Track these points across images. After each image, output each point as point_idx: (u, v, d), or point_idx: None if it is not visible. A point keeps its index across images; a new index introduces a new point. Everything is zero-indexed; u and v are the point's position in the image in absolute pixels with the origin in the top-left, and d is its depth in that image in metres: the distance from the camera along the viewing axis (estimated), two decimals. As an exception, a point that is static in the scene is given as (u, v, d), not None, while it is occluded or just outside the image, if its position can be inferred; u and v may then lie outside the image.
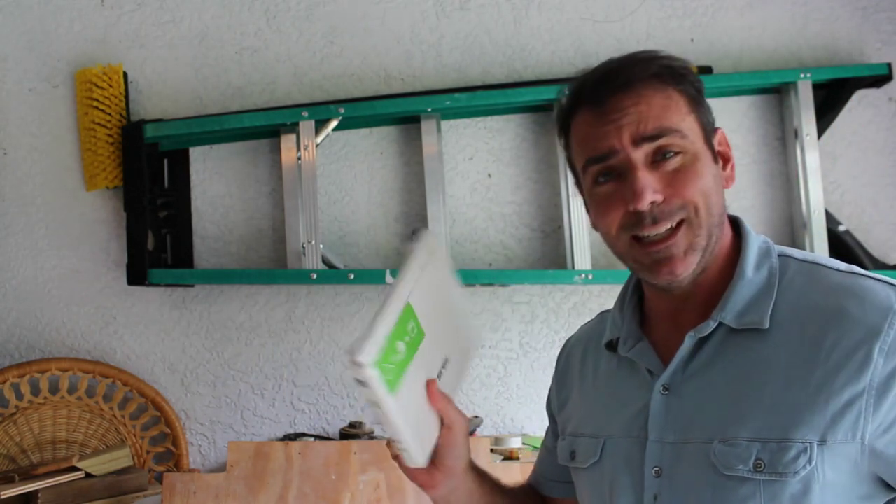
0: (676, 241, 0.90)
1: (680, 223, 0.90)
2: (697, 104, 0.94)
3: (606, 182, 0.92)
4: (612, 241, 0.95)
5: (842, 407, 0.83)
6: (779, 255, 0.95)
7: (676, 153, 0.90)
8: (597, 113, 0.92)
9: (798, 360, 0.87)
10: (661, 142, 0.90)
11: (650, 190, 0.89)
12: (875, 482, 0.86)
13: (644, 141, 0.90)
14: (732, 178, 0.97)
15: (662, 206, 0.89)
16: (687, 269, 0.91)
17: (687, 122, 0.92)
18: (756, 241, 0.96)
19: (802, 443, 0.84)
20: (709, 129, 0.95)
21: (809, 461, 0.83)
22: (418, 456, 0.96)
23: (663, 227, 0.90)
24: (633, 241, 0.92)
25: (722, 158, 0.96)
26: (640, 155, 0.90)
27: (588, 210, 0.99)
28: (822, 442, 0.83)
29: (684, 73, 0.94)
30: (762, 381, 0.88)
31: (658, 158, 0.90)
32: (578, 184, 1.00)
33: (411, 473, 1.01)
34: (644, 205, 0.89)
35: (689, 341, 0.93)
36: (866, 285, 0.89)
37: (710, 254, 0.92)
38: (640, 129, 0.89)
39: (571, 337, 1.19)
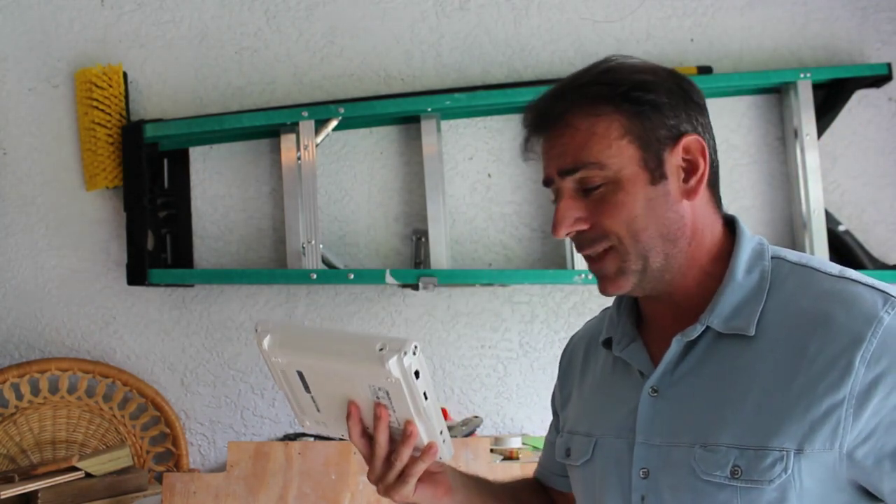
0: (604, 264, 0.94)
1: (607, 250, 0.93)
2: (640, 121, 0.91)
3: (555, 203, 0.97)
4: None
5: (821, 415, 0.83)
6: (773, 257, 0.94)
7: (600, 183, 0.92)
8: (541, 141, 0.98)
9: (781, 367, 0.86)
10: (578, 175, 0.92)
11: (568, 220, 0.93)
12: (855, 490, 0.85)
13: (565, 174, 0.93)
14: (696, 191, 0.93)
15: (587, 233, 0.93)
16: (620, 289, 0.95)
17: (613, 150, 0.91)
18: (750, 242, 0.95)
19: (779, 451, 0.84)
20: (658, 146, 0.92)
21: (786, 469, 0.83)
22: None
23: (590, 252, 0.94)
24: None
25: (688, 168, 0.94)
26: (568, 185, 0.94)
27: None
28: (799, 451, 0.83)
29: (623, 91, 0.91)
30: (745, 387, 0.88)
31: (586, 187, 0.93)
32: None
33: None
34: (560, 235, 0.94)
35: (676, 345, 0.93)
36: (855, 291, 0.87)
37: (659, 271, 0.93)
38: (560, 163, 0.93)
39: (575, 334, 1.20)
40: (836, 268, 0.92)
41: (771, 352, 0.88)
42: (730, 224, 0.98)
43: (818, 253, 2.14)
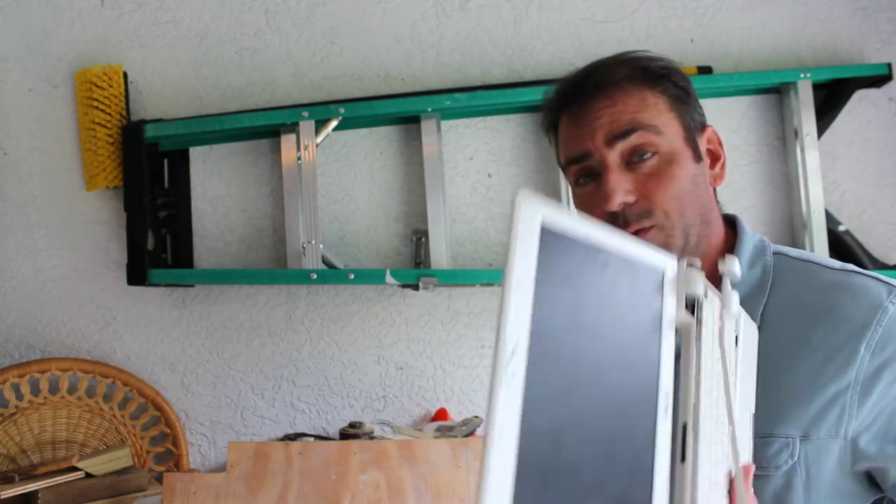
0: (648, 239, 0.90)
1: (650, 227, 0.90)
2: (679, 103, 0.94)
3: (586, 183, 0.94)
4: None
5: (826, 402, 0.84)
6: (774, 254, 0.96)
7: (652, 154, 0.90)
8: (574, 116, 0.94)
9: (786, 356, 0.87)
10: (634, 138, 0.90)
11: (620, 191, 0.89)
12: (860, 479, 0.86)
13: (617, 139, 0.90)
14: (722, 177, 0.97)
15: (633, 207, 0.90)
16: None
17: (663, 119, 0.92)
18: (751, 239, 0.97)
19: (785, 437, 0.84)
20: (693, 128, 0.95)
21: (792, 456, 0.84)
22: None
23: (634, 228, 0.90)
24: None
25: (711, 157, 0.96)
26: (614, 156, 0.91)
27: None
28: (805, 437, 0.84)
29: (664, 73, 0.94)
30: None
31: (634, 160, 0.90)
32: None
33: None
34: (613, 206, 0.89)
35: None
36: (859, 282, 0.89)
37: (693, 251, 0.93)
38: (612, 128, 0.90)
39: None
40: (837, 262, 0.94)
41: (774, 342, 0.88)
42: (730, 223, 0.99)
43: (818, 253, 2.14)
